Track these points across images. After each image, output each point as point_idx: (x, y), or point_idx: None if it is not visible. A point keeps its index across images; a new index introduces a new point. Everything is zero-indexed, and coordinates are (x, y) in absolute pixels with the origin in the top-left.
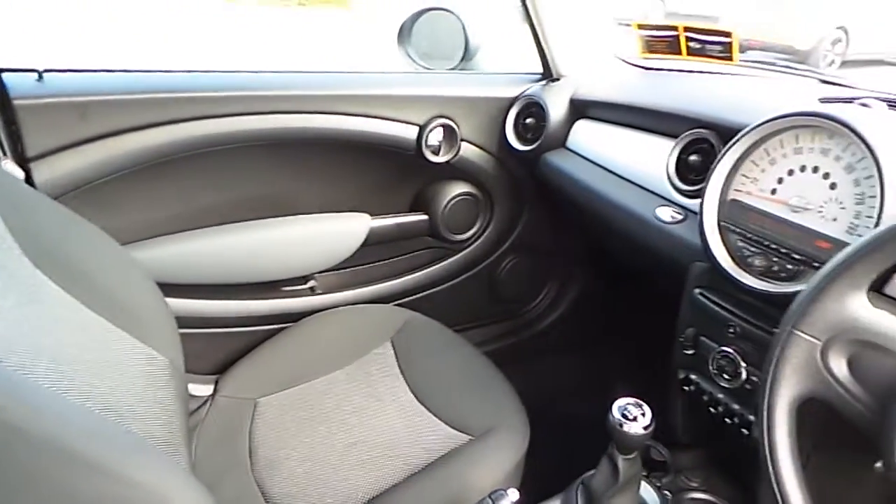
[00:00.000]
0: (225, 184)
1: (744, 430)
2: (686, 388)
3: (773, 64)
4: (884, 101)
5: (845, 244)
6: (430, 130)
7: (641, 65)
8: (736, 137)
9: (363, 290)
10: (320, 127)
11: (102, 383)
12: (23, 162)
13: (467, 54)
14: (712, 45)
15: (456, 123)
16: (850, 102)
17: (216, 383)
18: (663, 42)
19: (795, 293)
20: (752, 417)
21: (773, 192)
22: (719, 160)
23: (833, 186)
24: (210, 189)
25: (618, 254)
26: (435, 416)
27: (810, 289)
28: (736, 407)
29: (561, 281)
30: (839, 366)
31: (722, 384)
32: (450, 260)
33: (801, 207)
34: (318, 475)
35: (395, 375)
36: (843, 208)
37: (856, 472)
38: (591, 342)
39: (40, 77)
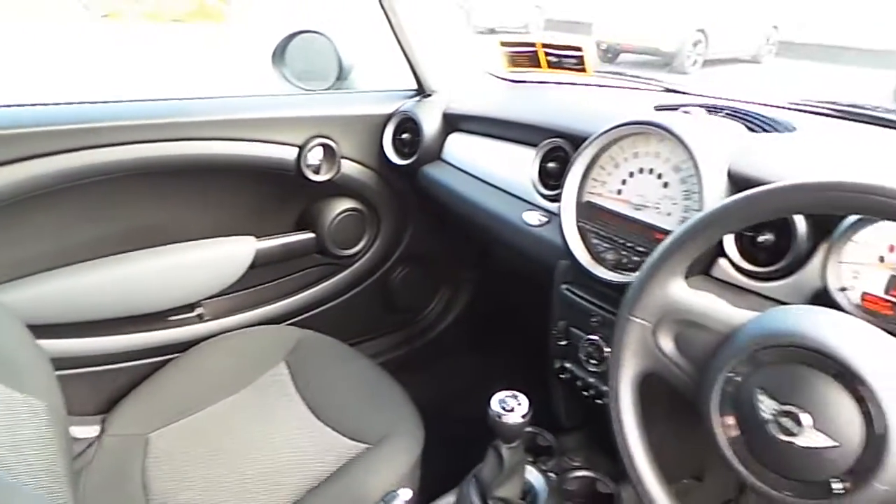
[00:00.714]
0: (100, 216)
1: (598, 401)
2: (562, 375)
3: (623, 75)
4: (704, 106)
5: None
6: (310, 150)
7: (509, 78)
8: (584, 145)
9: (254, 313)
10: (199, 153)
11: None
12: None
13: (341, 74)
14: (568, 59)
15: (335, 142)
16: (676, 110)
17: (102, 423)
18: (524, 56)
19: None
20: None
21: (619, 192)
22: (571, 166)
23: (666, 185)
24: (85, 222)
25: (498, 257)
26: (332, 429)
27: (638, 279)
28: (604, 388)
29: (452, 286)
30: (667, 343)
31: (591, 369)
32: (340, 275)
33: (642, 205)
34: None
35: (291, 395)
36: (674, 204)
37: (690, 433)
38: (483, 342)
39: None
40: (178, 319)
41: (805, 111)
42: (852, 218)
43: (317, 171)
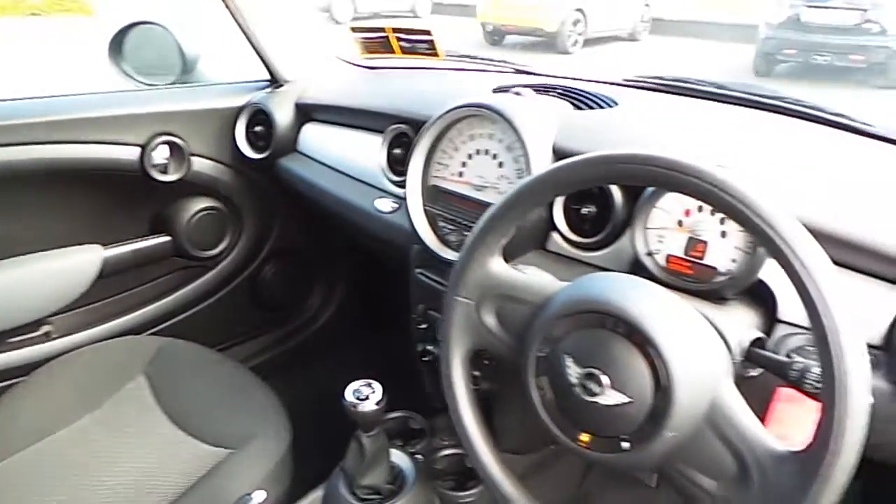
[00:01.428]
0: None
1: (474, 387)
2: (425, 358)
3: (475, 58)
4: (535, 87)
5: None
6: (154, 149)
7: (364, 65)
8: (422, 130)
9: (111, 325)
10: (31, 158)
11: None
12: None
13: (185, 66)
14: (419, 44)
15: (182, 139)
16: (507, 91)
17: None
18: (377, 42)
19: None
20: (477, 373)
21: (461, 174)
22: (413, 151)
23: (501, 165)
24: None
25: (363, 246)
26: (194, 437)
27: (459, 260)
28: (476, 373)
29: (328, 281)
30: (490, 319)
31: None
32: (204, 278)
33: (482, 185)
34: None
35: (151, 407)
36: (510, 183)
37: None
38: (362, 335)
39: None
40: (21, 340)
41: (633, 86)
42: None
43: (164, 171)
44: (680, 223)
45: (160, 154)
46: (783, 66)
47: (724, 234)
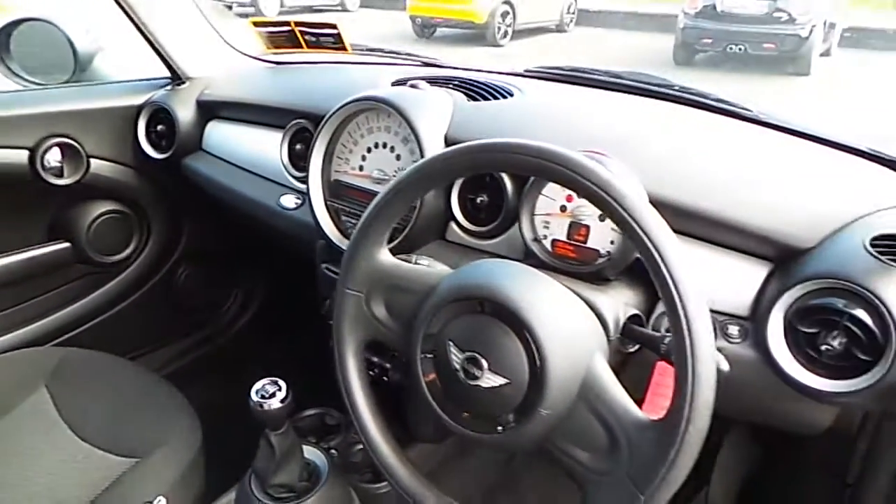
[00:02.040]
0: None
1: (384, 378)
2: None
3: (381, 51)
4: (431, 79)
5: None
6: (45, 151)
7: (271, 60)
8: (321, 124)
9: (9, 337)
10: None
11: None
12: None
13: (79, 65)
14: (325, 37)
15: (77, 141)
16: (404, 84)
17: None
18: (282, 37)
19: None
20: (388, 366)
21: (361, 168)
22: (313, 146)
23: (399, 157)
24: None
25: (277, 245)
26: (100, 449)
27: (346, 253)
28: (375, 359)
29: (247, 283)
30: (380, 310)
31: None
32: (110, 284)
33: (382, 178)
34: None
35: (54, 420)
36: None
37: None
38: (283, 335)
39: None
40: None
41: (533, 77)
42: None
43: (59, 174)
44: (563, 209)
45: (53, 157)
46: (702, 56)
47: (602, 218)
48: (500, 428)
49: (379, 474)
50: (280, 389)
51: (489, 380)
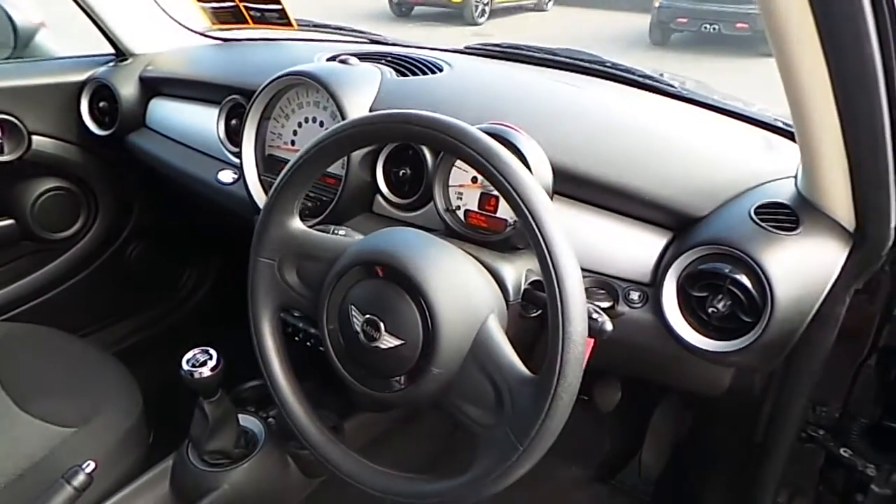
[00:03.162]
0: None
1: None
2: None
3: (327, 27)
4: (361, 55)
5: None
6: None
7: (217, 36)
8: (251, 100)
9: None
10: None
11: None
12: None
13: (19, 41)
14: (270, 13)
15: (17, 117)
16: (335, 60)
17: None
18: (227, 12)
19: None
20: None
21: (293, 143)
22: (245, 121)
23: None
24: None
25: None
26: (38, 419)
27: (259, 222)
28: (312, 331)
29: (201, 260)
30: (292, 277)
31: (295, 314)
32: (58, 261)
33: None
34: None
35: None
36: None
37: None
38: (237, 310)
39: None
40: None
41: (471, 54)
42: None
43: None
44: (475, 180)
45: None
46: (677, 36)
47: None
48: (396, 387)
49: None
50: (211, 358)
51: (387, 341)
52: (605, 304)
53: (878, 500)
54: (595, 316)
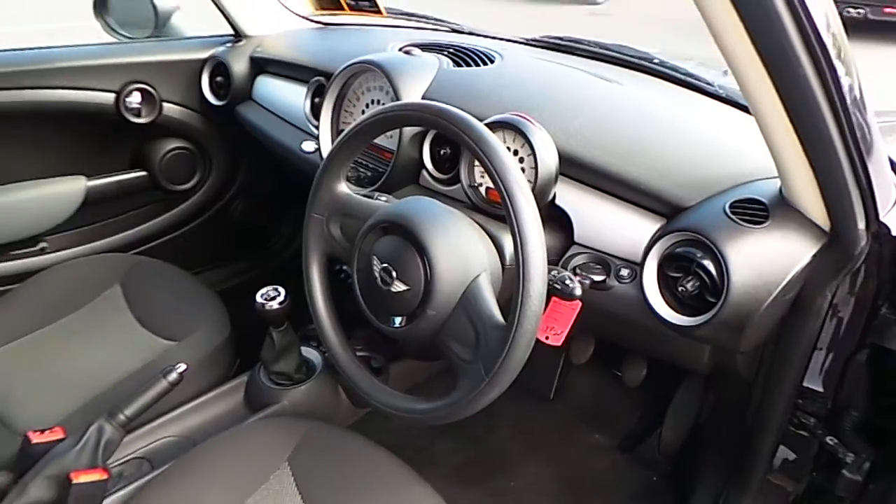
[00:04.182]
0: None
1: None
2: (341, 276)
3: (413, 15)
4: (425, 45)
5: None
6: (127, 94)
7: (318, 20)
8: (329, 82)
9: (97, 244)
10: (20, 101)
11: None
12: None
13: (159, 22)
14: (363, 1)
15: (153, 86)
16: (401, 50)
17: None
18: None
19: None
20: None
21: None
22: (324, 101)
23: None
24: None
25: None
26: (152, 333)
27: (313, 184)
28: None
29: (295, 218)
30: (336, 231)
31: None
32: (177, 209)
33: None
34: (58, 404)
35: (122, 310)
36: None
37: None
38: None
39: None
40: (21, 252)
41: (532, 45)
42: None
43: (138, 115)
44: None
45: (134, 99)
46: None
47: (524, 170)
48: (402, 323)
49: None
50: (280, 295)
51: (397, 286)
52: (598, 278)
53: (848, 485)
54: (568, 282)
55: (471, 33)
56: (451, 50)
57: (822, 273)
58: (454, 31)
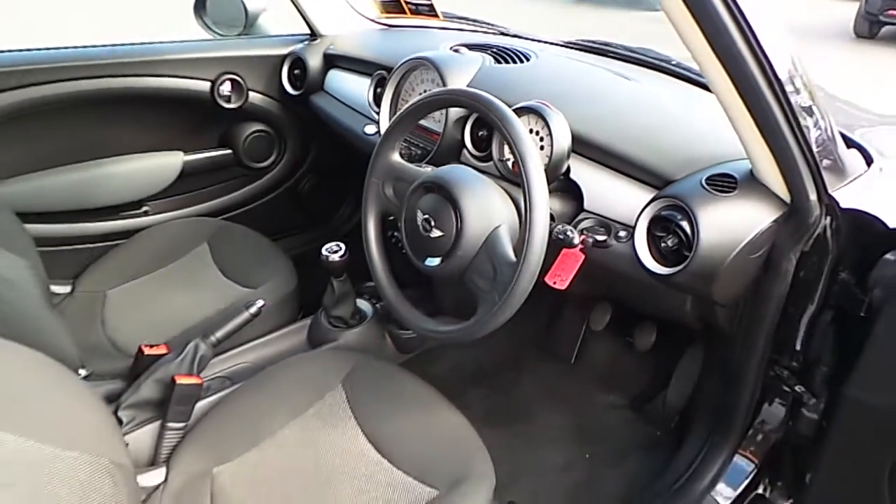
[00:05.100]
0: (66, 134)
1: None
2: (393, 240)
3: (466, 19)
4: (471, 45)
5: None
6: (220, 83)
7: (384, 23)
8: (390, 75)
9: (187, 210)
10: (132, 87)
11: None
12: None
13: (248, 22)
14: (422, 6)
15: (241, 77)
16: (451, 49)
17: (73, 283)
18: (391, 4)
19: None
20: None
21: None
22: (385, 91)
23: None
24: (55, 138)
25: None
26: (231, 281)
27: (373, 155)
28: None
29: (356, 194)
30: (389, 192)
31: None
32: (256, 183)
33: (429, 116)
34: (160, 332)
35: (208, 263)
36: (442, 114)
37: None
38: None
39: None
40: (128, 213)
41: (566, 46)
42: None
43: (228, 101)
44: None
45: (225, 88)
46: (888, 28)
47: (542, 148)
48: (438, 263)
49: (411, 328)
50: (340, 249)
51: (435, 233)
52: (601, 238)
53: (807, 424)
54: (569, 233)
55: (515, 36)
56: (493, 49)
57: (785, 238)
58: (502, 33)
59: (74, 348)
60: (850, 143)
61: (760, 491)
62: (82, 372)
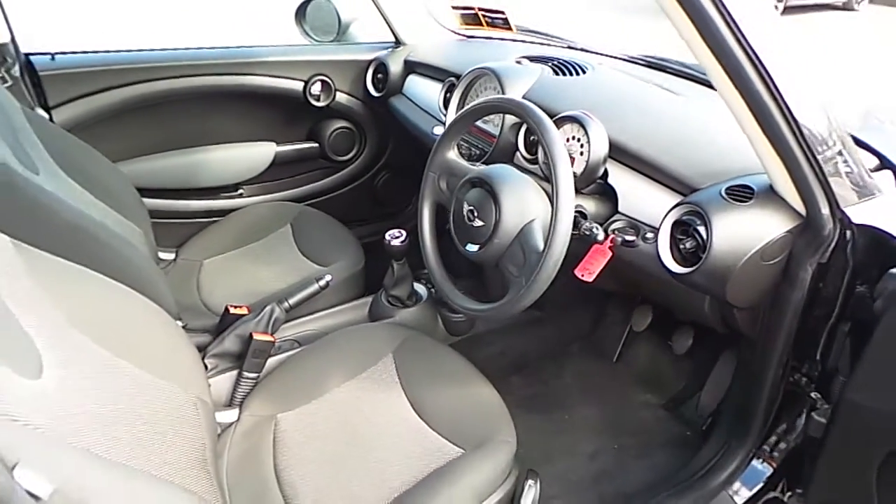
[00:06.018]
0: (175, 124)
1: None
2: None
3: (537, 33)
4: (532, 57)
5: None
6: (312, 84)
7: (463, 33)
8: (458, 82)
9: (276, 195)
10: (235, 84)
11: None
12: (46, 109)
13: (341, 29)
14: (498, 19)
15: (331, 79)
16: (515, 60)
17: (176, 252)
18: (470, 16)
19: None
20: None
21: None
22: (452, 97)
23: None
24: (167, 127)
25: None
26: (310, 260)
27: (431, 152)
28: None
29: None
30: (444, 185)
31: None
32: (336, 175)
33: (489, 121)
34: (243, 297)
35: (290, 243)
36: (501, 119)
37: None
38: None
39: (52, 57)
40: (226, 195)
41: (623, 60)
42: None
43: (318, 99)
44: None
45: (316, 88)
46: None
47: (582, 153)
48: (477, 249)
49: (456, 309)
50: (402, 235)
51: (477, 223)
52: (630, 238)
53: (816, 426)
54: (594, 230)
55: (582, 49)
56: (553, 62)
57: (801, 248)
58: (569, 47)
59: (174, 304)
60: (886, 164)
61: (778, 494)
62: (179, 324)
